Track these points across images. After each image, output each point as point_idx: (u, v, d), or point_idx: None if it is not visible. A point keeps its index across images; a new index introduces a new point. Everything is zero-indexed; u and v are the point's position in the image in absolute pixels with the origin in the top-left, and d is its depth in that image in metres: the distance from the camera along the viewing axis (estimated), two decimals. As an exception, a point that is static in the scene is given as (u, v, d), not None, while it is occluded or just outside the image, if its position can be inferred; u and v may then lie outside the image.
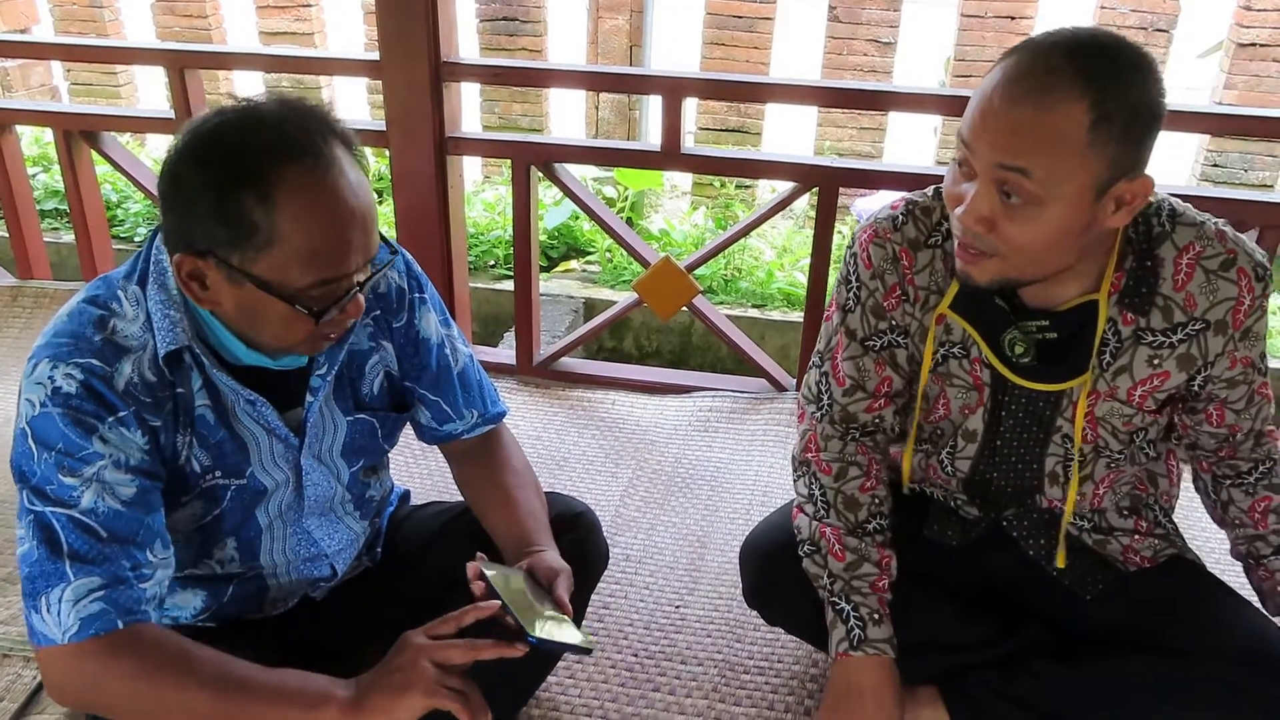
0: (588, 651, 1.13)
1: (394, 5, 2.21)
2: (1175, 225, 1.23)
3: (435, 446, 1.45)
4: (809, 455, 1.43)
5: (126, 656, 1.03)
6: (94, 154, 2.71)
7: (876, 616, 1.35)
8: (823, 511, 1.40)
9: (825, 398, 1.42)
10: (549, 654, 1.30)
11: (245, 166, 0.99)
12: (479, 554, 1.18)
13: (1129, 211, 1.14)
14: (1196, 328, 1.24)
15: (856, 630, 1.34)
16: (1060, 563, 1.39)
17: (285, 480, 1.23)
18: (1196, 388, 1.29)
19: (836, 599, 1.36)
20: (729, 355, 3.64)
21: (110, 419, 1.06)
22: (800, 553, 1.41)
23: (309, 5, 4.79)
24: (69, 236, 4.34)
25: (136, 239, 4.23)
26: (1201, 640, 1.30)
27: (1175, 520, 1.47)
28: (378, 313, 1.28)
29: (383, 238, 1.15)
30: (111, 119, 2.67)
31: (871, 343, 1.37)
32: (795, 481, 1.46)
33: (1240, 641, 1.30)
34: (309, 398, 1.21)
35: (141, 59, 2.69)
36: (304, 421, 1.22)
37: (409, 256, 1.34)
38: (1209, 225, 1.24)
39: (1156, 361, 1.25)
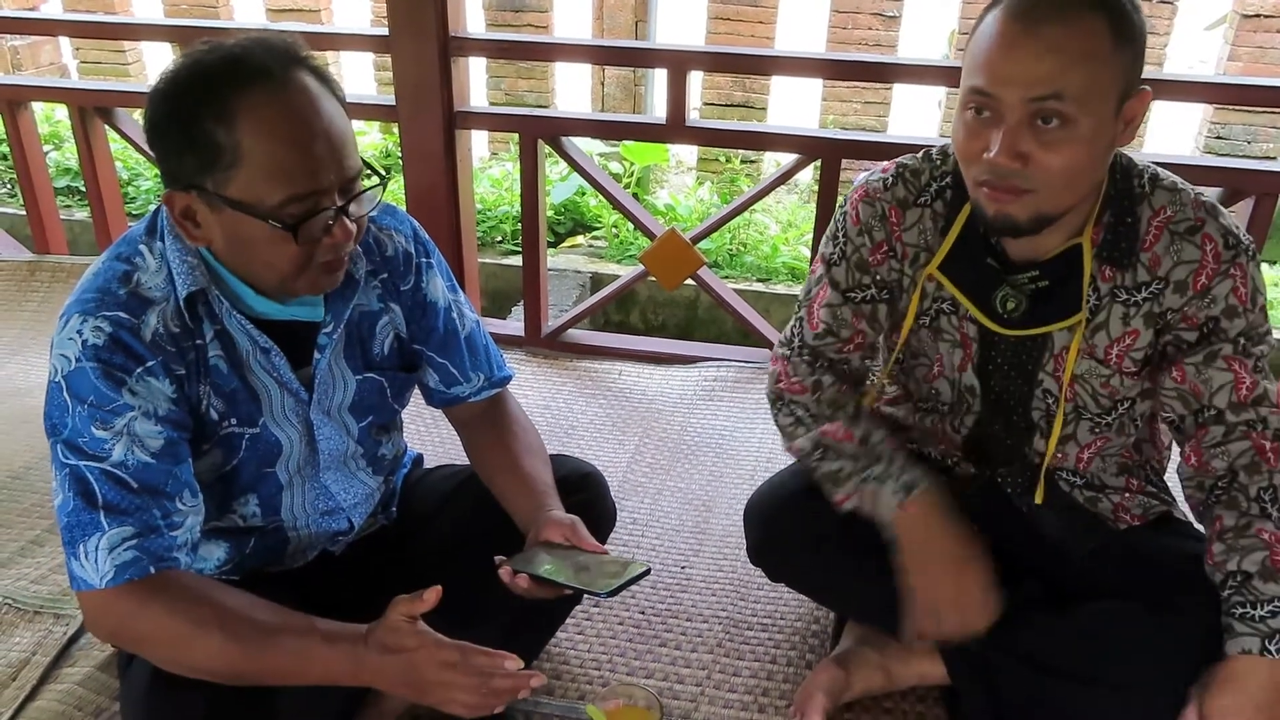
0: (648, 570, 1.19)
1: (403, -20, 2.25)
2: (1154, 188, 1.26)
3: (443, 412, 1.49)
4: (780, 386, 1.45)
5: (158, 599, 1.09)
6: (108, 130, 2.75)
7: (908, 463, 1.35)
8: (811, 422, 1.41)
9: (796, 340, 1.44)
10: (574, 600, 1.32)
11: (204, 92, 1.03)
12: (496, 557, 1.23)
13: (1132, 130, 1.19)
14: (1159, 287, 1.26)
15: (905, 477, 1.33)
16: (1039, 499, 1.42)
17: (299, 436, 1.28)
18: (1165, 346, 1.31)
19: (865, 471, 1.35)
20: (734, 329, 3.68)
21: (138, 369, 1.10)
22: (812, 467, 1.41)
23: (315, -18, 4.82)
24: (81, 214, 4.40)
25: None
26: (1184, 590, 1.34)
27: (1166, 480, 1.50)
28: (385, 276, 1.32)
29: (369, 165, 1.16)
30: (126, 95, 2.71)
31: (853, 295, 1.40)
32: (776, 416, 1.47)
33: (1216, 590, 1.32)
34: (316, 354, 1.25)
35: (153, 35, 2.73)
36: (312, 377, 1.26)
37: (416, 223, 1.37)
38: (1186, 193, 1.26)
39: (1128, 319, 1.29)
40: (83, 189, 4.39)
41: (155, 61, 5.38)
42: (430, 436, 2.24)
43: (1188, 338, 1.28)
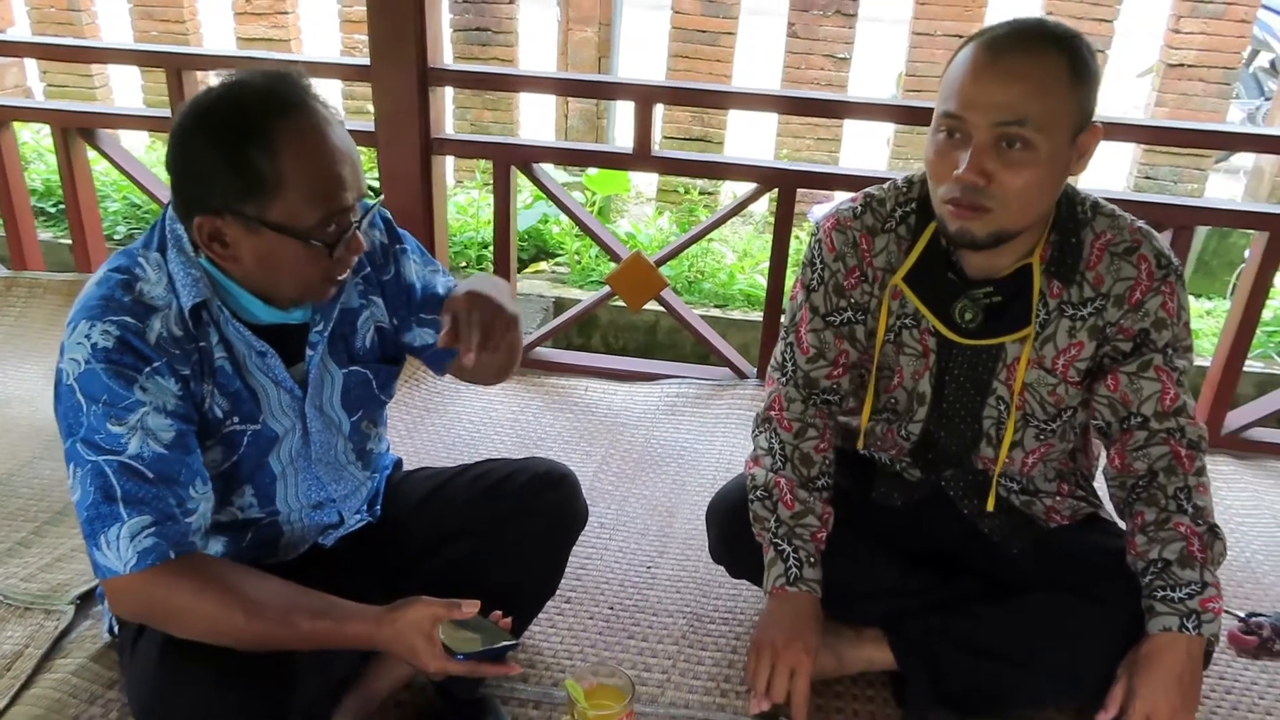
0: (514, 645, 1.26)
1: (385, 13, 2.37)
2: (1096, 215, 1.42)
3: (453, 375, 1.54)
4: (772, 413, 1.59)
5: (181, 582, 1.17)
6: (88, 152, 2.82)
7: (813, 560, 1.51)
8: (779, 464, 1.55)
9: (789, 365, 1.57)
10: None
11: (246, 126, 1.14)
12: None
13: (1085, 161, 1.34)
14: (1101, 303, 1.42)
15: (794, 569, 1.50)
16: (990, 506, 1.56)
17: (294, 429, 1.36)
18: (1103, 357, 1.45)
19: (779, 541, 1.52)
20: (693, 352, 3.80)
21: (146, 369, 1.18)
22: (751, 498, 1.56)
23: (286, 13, 4.91)
24: (45, 234, 4.41)
25: (116, 236, 4.30)
26: (1108, 581, 1.48)
27: (1095, 486, 1.65)
28: (367, 270, 1.41)
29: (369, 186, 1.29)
30: (109, 117, 2.79)
31: (832, 318, 1.53)
32: (756, 436, 1.61)
33: (1137, 579, 1.46)
34: (309, 352, 1.34)
35: (143, 61, 2.82)
36: (306, 374, 1.35)
37: (387, 213, 1.47)
38: (1124, 218, 1.42)
39: (1074, 332, 1.43)
40: (47, 209, 4.42)
41: (122, 86, 5.42)
42: (411, 441, 2.33)
43: (1123, 348, 1.43)
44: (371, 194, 1.31)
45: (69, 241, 4.02)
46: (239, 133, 1.14)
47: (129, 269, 1.23)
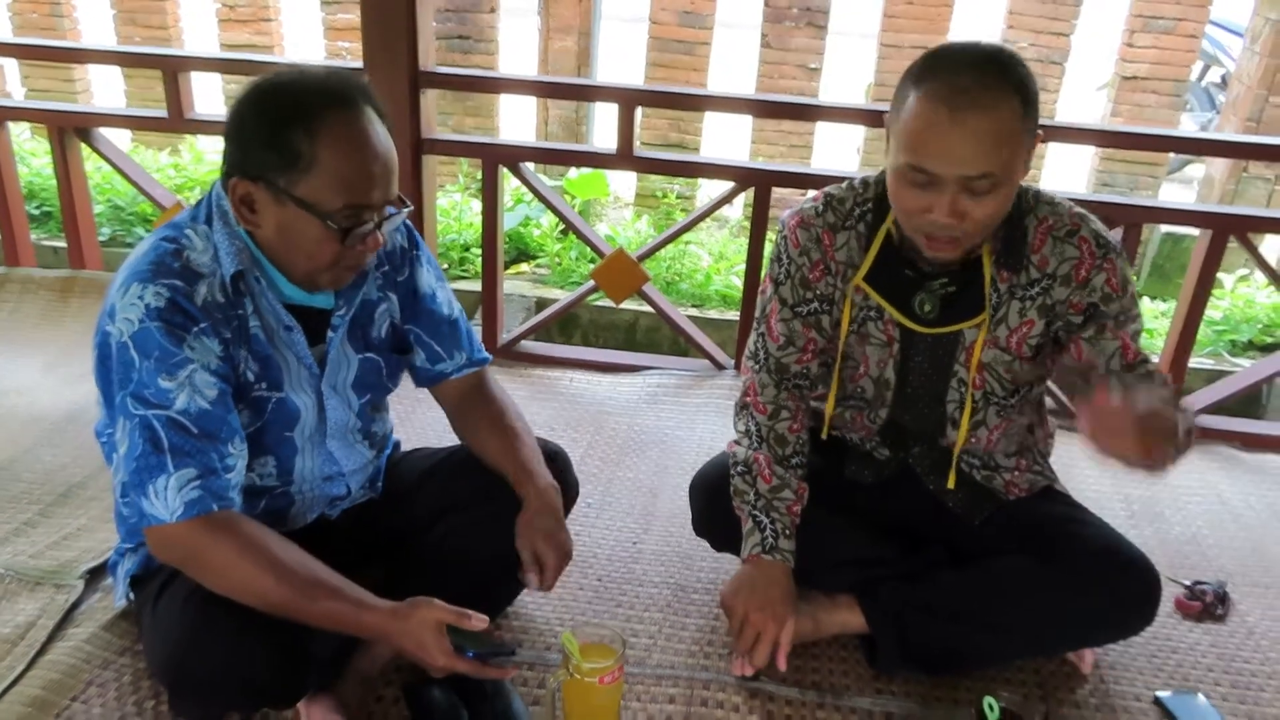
0: (510, 652, 1.41)
1: (379, 18, 2.47)
2: (1038, 203, 1.54)
3: (429, 391, 1.67)
4: (748, 399, 1.70)
5: (223, 537, 1.26)
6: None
7: (788, 532, 1.61)
8: (756, 443, 1.66)
9: (762, 353, 1.69)
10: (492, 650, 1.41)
11: (296, 107, 1.25)
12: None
13: (1028, 167, 1.45)
14: (1048, 283, 1.54)
15: (770, 539, 1.60)
16: (950, 484, 1.67)
17: (312, 405, 1.46)
18: (1056, 331, 1.57)
19: (758, 513, 1.62)
20: (670, 349, 3.91)
21: (194, 329, 1.28)
22: (732, 473, 1.67)
23: (269, 20, 4.98)
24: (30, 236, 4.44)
25: (100, 238, 4.34)
26: (1064, 546, 1.59)
27: (1050, 462, 1.77)
28: (386, 268, 1.52)
29: (401, 198, 1.38)
30: (105, 117, 2.86)
31: (800, 309, 1.64)
32: (736, 421, 1.73)
33: (1092, 544, 1.59)
34: (330, 334, 1.45)
35: (140, 63, 2.89)
36: (325, 353, 1.45)
37: (409, 223, 1.57)
38: (1063, 204, 1.55)
39: (1024, 311, 1.55)
40: (30, 211, 4.46)
41: (103, 88, 5.45)
42: (404, 429, 2.40)
43: (1075, 320, 1.55)
44: (403, 202, 1.38)
45: (52, 244, 4.13)
46: (289, 112, 1.25)
47: (176, 239, 1.33)
